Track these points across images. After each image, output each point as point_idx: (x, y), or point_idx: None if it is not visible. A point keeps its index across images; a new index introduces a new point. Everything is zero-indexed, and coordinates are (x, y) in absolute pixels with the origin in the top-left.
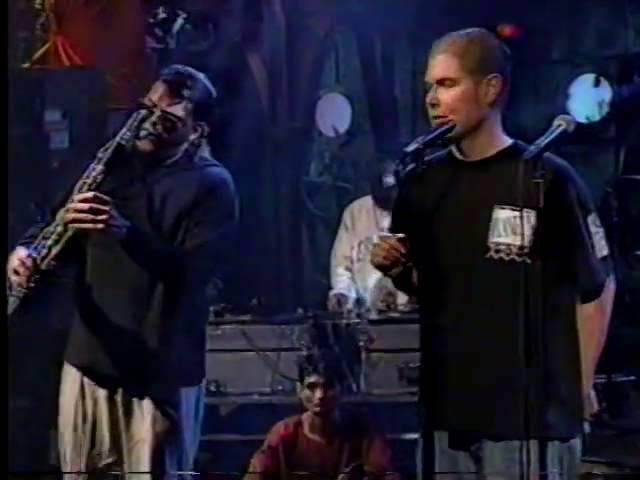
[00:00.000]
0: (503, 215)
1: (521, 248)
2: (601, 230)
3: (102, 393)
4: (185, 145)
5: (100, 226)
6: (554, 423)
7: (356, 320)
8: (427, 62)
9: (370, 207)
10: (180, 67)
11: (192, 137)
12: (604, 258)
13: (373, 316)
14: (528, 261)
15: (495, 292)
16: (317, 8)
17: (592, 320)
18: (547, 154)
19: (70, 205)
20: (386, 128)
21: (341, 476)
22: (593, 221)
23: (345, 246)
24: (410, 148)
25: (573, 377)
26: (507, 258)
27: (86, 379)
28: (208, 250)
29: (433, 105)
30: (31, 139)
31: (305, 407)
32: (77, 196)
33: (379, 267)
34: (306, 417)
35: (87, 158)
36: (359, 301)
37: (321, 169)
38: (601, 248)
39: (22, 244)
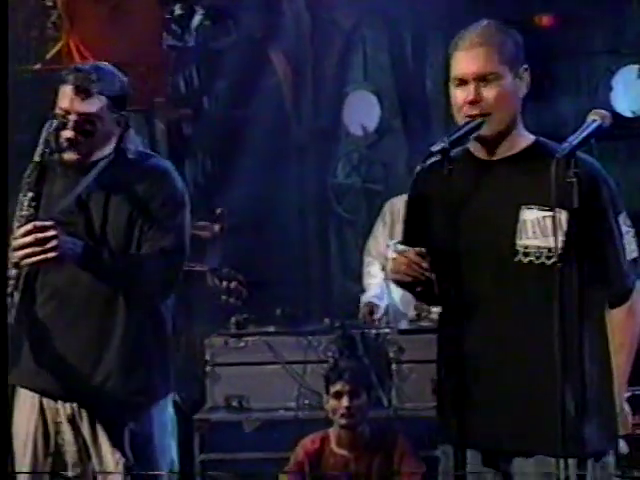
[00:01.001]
0: (531, 216)
1: (551, 250)
2: (632, 231)
3: (64, 417)
4: (113, 142)
5: (52, 254)
6: (588, 438)
7: (386, 330)
8: (454, 57)
9: None
10: (80, 65)
11: (117, 132)
12: (634, 260)
13: (404, 325)
14: (559, 264)
15: (526, 298)
16: (343, 1)
17: (623, 327)
18: (580, 155)
19: (14, 243)
20: (417, 126)
21: None
22: (624, 221)
23: (382, 242)
24: (436, 147)
25: (606, 388)
26: (537, 261)
27: (46, 402)
28: (168, 250)
29: (473, 103)
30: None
31: (332, 420)
32: (18, 232)
33: (398, 284)
34: (333, 431)
35: None
36: (390, 309)
37: (349, 170)
38: (631, 250)
39: None
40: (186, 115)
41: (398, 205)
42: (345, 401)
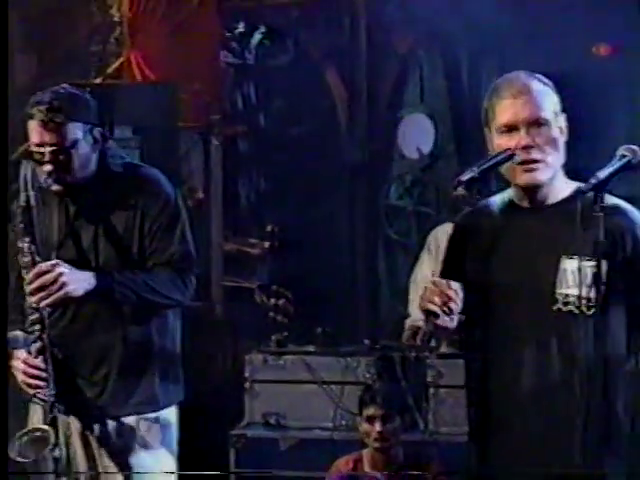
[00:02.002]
0: (571, 265)
1: (591, 300)
2: None
3: (75, 430)
4: (93, 160)
5: (62, 293)
6: None
7: (425, 354)
8: (499, 104)
9: None
10: (41, 96)
11: (96, 148)
12: None
13: (443, 349)
14: (597, 313)
15: (562, 345)
16: (399, 24)
17: None
18: (612, 200)
19: (27, 289)
20: (471, 151)
21: None
22: None
23: (426, 271)
24: (465, 177)
25: None
26: (577, 311)
27: (59, 417)
28: (175, 260)
29: (526, 148)
30: None
31: (365, 442)
32: (27, 278)
33: (426, 313)
34: (366, 453)
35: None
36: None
37: (401, 192)
38: None
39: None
40: (242, 132)
41: (442, 234)
42: (378, 426)
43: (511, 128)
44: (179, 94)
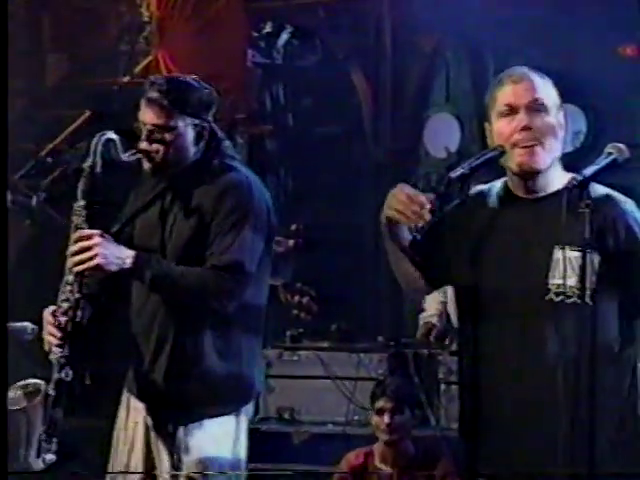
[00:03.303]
0: (563, 255)
1: (583, 290)
2: None
3: (142, 418)
4: (197, 154)
5: (93, 263)
6: None
7: (437, 350)
8: (500, 90)
9: None
10: (158, 78)
11: (201, 142)
12: None
13: (455, 347)
14: (590, 303)
15: (555, 335)
16: (425, 24)
17: None
18: (606, 191)
19: (69, 251)
20: None
21: None
22: None
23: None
24: (456, 173)
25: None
26: (569, 301)
27: (133, 402)
28: (220, 267)
29: (525, 129)
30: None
31: (377, 436)
32: (71, 239)
33: (389, 221)
34: (377, 447)
35: None
36: (447, 331)
37: (427, 191)
38: None
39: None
40: (267, 131)
41: None
42: (386, 418)
43: (511, 110)
44: None
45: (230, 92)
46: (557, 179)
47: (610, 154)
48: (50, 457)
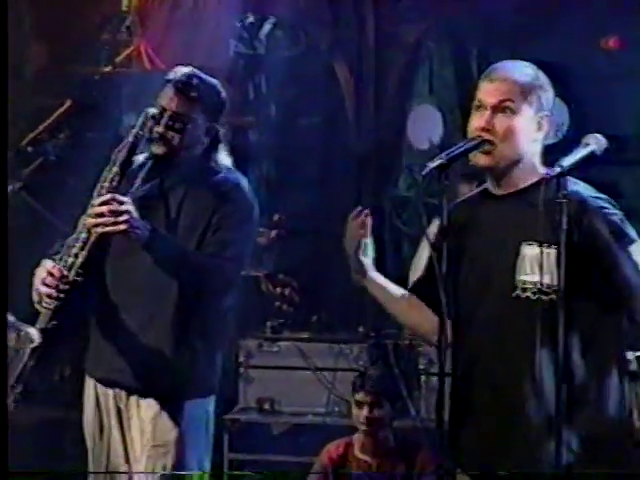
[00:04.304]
0: (530, 252)
1: (550, 287)
2: None
3: (112, 402)
4: (199, 149)
5: (122, 227)
6: None
7: (418, 341)
8: (480, 85)
9: None
10: (186, 69)
11: (205, 140)
12: None
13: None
14: (556, 300)
15: (523, 332)
16: (407, 15)
17: None
18: (576, 187)
19: (90, 210)
20: None
21: None
22: (638, 250)
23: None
24: (434, 163)
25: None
26: (534, 297)
27: (99, 389)
28: (225, 258)
29: (484, 130)
30: (109, 143)
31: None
32: (96, 200)
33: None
34: (357, 437)
35: None
36: None
37: (410, 183)
38: None
39: (49, 258)
40: (249, 123)
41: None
42: (365, 411)
43: (480, 106)
44: None
45: None
46: (530, 175)
47: (588, 145)
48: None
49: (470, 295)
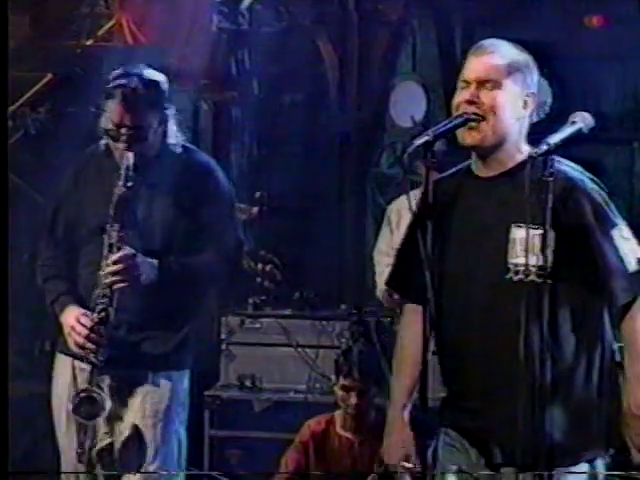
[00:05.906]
0: (521, 234)
1: (541, 268)
2: (632, 242)
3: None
4: (157, 139)
5: (136, 282)
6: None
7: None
8: (467, 61)
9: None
10: (124, 79)
11: (159, 129)
12: (637, 272)
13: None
14: (549, 282)
15: (516, 314)
16: None
17: (635, 337)
18: (562, 166)
19: (107, 269)
20: None
21: (372, 476)
22: (620, 234)
23: (382, 245)
24: (420, 140)
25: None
26: (527, 279)
27: (77, 366)
28: (229, 247)
29: (469, 102)
30: (86, 118)
31: (339, 404)
32: (110, 259)
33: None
34: (339, 414)
35: None
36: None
37: (392, 161)
38: (631, 261)
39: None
40: (231, 98)
41: (399, 207)
42: (354, 399)
43: (466, 83)
44: (169, 58)
45: (195, 58)
46: (515, 155)
47: (574, 123)
48: None
49: (458, 279)
